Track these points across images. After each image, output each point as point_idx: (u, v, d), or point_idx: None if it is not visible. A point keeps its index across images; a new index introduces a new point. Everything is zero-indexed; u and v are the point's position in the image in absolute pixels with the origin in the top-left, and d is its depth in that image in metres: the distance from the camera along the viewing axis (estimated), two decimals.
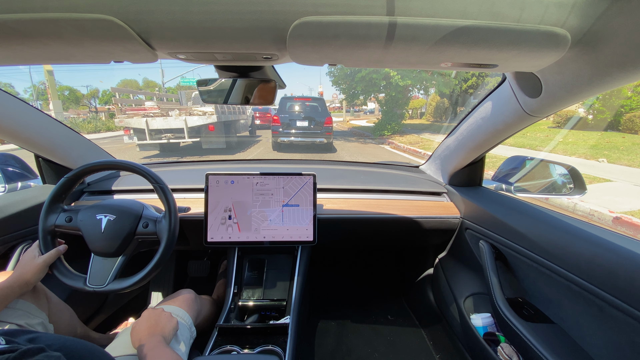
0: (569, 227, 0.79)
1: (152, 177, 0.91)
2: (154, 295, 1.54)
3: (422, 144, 9.73)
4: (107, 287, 0.86)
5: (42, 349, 0.38)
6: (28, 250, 0.86)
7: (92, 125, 18.42)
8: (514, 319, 0.82)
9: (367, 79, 11.82)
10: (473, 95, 15.74)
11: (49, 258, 0.84)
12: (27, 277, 0.80)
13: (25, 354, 0.36)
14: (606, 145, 7.78)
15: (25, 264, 0.82)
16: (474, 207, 1.13)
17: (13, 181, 1.18)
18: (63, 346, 0.46)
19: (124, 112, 7.97)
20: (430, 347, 1.38)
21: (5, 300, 0.75)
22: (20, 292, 0.79)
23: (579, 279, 0.70)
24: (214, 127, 8.20)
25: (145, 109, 8.23)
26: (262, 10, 0.43)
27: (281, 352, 0.84)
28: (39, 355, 0.36)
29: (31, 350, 0.36)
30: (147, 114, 7.84)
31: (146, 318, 0.79)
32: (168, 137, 7.87)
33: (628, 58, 0.48)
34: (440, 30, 0.45)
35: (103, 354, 0.52)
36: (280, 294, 1.10)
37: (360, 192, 1.31)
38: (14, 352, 0.35)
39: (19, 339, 0.42)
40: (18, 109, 0.95)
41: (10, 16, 0.42)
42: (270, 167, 1.60)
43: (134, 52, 0.50)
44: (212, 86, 0.71)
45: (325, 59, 0.55)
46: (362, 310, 1.63)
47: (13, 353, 0.35)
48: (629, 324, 0.60)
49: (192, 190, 1.26)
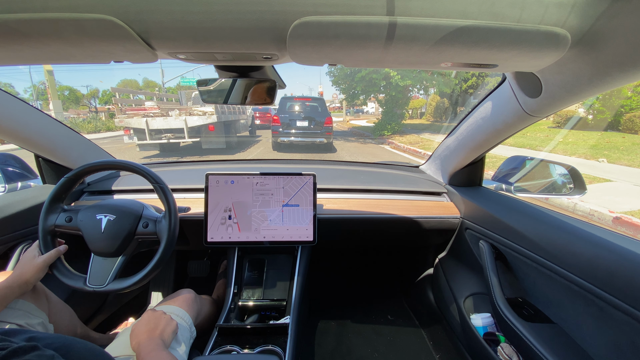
0: (569, 227, 0.79)
1: (152, 177, 0.91)
2: (154, 295, 1.54)
3: (422, 144, 9.73)
4: (107, 287, 0.86)
5: (35, 347, 0.37)
6: (28, 250, 0.86)
7: (92, 125, 18.43)
8: (514, 319, 0.82)
9: (367, 79, 11.82)
10: (473, 95, 15.74)
11: (49, 258, 0.84)
12: (26, 277, 0.80)
13: (15, 352, 0.35)
14: (606, 145, 7.78)
15: (25, 263, 0.82)
16: (474, 207, 1.13)
17: (13, 181, 1.18)
18: (62, 345, 0.46)
19: (124, 112, 7.94)
20: (430, 347, 1.38)
21: (4, 300, 0.75)
22: (20, 292, 0.79)
23: (579, 279, 0.70)
24: (214, 127, 8.18)
25: (145, 109, 8.21)
26: (262, 10, 0.43)
27: (281, 352, 0.84)
28: (31, 353, 0.36)
29: (22, 348, 0.36)
30: (147, 114, 7.81)
31: (146, 320, 0.79)
32: (168, 137, 7.85)
33: (628, 58, 0.48)
34: (440, 30, 0.45)
35: (103, 353, 0.52)
36: (280, 294, 1.10)
37: (360, 192, 1.31)
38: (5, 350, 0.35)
39: (17, 338, 0.42)
40: (18, 109, 0.95)
41: (10, 16, 0.42)
42: (270, 167, 1.60)
43: (134, 52, 0.50)
44: (212, 86, 0.70)
45: (325, 59, 0.55)
46: (362, 310, 1.63)
47: (3, 351, 0.35)
48: (629, 324, 0.60)
49: (192, 190, 1.26)
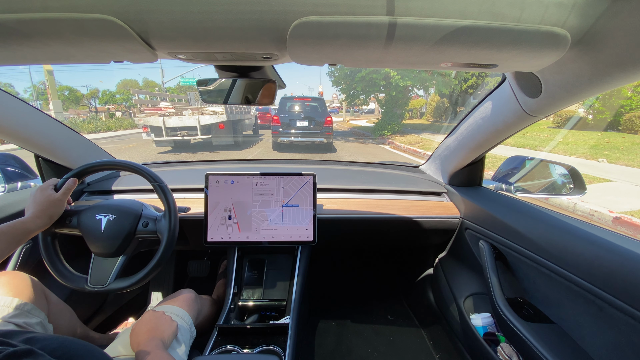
0: (569, 227, 0.79)
1: (151, 176, 0.91)
2: (154, 295, 1.54)
3: (422, 144, 9.72)
4: (108, 287, 0.87)
5: (31, 350, 0.37)
6: (38, 189, 0.84)
7: (92, 125, 18.44)
8: (514, 319, 0.82)
9: (367, 79, 11.81)
10: (473, 95, 15.73)
11: (64, 196, 0.85)
12: (51, 212, 0.82)
13: (11, 356, 0.35)
14: (606, 145, 7.78)
15: (43, 201, 0.82)
16: (474, 207, 1.13)
17: (13, 181, 1.18)
18: (61, 346, 0.45)
19: (142, 112, 9.00)
20: (430, 347, 1.38)
21: (28, 236, 0.77)
22: (43, 227, 0.81)
23: (579, 279, 0.70)
24: (224, 125, 8.86)
25: (161, 109, 9.13)
26: (262, 10, 0.43)
27: (281, 352, 0.84)
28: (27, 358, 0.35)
29: (18, 352, 0.36)
30: (163, 113, 8.64)
31: (146, 321, 0.79)
32: (182, 135, 8.62)
33: (628, 58, 0.48)
34: (440, 30, 0.45)
35: (102, 354, 0.52)
36: (280, 294, 1.10)
37: (360, 192, 1.31)
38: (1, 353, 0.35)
39: (14, 339, 0.42)
40: (18, 109, 0.95)
41: (10, 16, 0.42)
42: (270, 167, 1.60)
43: (134, 52, 0.50)
44: (212, 86, 0.70)
45: (325, 59, 0.55)
46: (362, 310, 1.63)
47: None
48: (629, 324, 0.60)
49: (192, 190, 1.26)
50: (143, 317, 0.81)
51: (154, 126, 8.42)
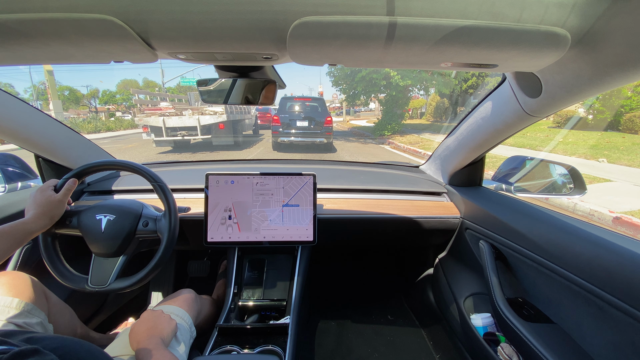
0: (569, 227, 0.79)
1: (151, 176, 0.91)
2: (154, 295, 1.53)
3: (422, 144, 9.72)
4: (108, 287, 0.87)
5: (37, 350, 0.37)
6: (38, 190, 0.84)
7: (92, 125, 18.44)
8: (514, 319, 0.82)
9: (368, 79, 11.82)
10: (473, 95, 15.73)
11: (64, 197, 0.85)
12: (53, 213, 0.82)
13: (17, 355, 0.35)
14: (606, 145, 7.77)
15: (43, 203, 0.81)
16: (474, 207, 1.13)
17: (13, 181, 1.18)
18: (61, 346, 0.45)
19: (142, 112, 8.94)
20: (430, 347, 1.38)
21: (29, 237, 0.76)
22: (44, 228, 0.81)
23: (579, 279, 0.70)
24: (224, 125, 8.85)
25: (161, 109, 9.10)
26: (262, 10, 0.43)
27: (281, 352, 0.84)
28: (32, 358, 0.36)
29: (24, 351, 0.36)
30: (163, 113, 8.62)
31: (145, 320, 0.79)
32: (182, 135, 8.62)
33: (628, 58, 0.48)
34: (440, 30, 0.45)
35: (102, 354, 0.52)
36: (280, 294, 1.10)
37: (360, 192, 1.31)
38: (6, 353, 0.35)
39: (15, 339, 0.42)
40: (18, 109, 0.95)
41: (10, 16, 0.42)
42: (270, 167, 1.60)
43: (134, 52, 0.50)
44: (212, 86, 0.71)
45: (325, 59, 0.55)
46: (362, 310, 1.63)
47: (5, 355, 0.35)
48: (629, 324, 0.60)
49: (192, 190, 1.26)
50: (142, 317, 0.81)
51: (154, 126, 8.44)
